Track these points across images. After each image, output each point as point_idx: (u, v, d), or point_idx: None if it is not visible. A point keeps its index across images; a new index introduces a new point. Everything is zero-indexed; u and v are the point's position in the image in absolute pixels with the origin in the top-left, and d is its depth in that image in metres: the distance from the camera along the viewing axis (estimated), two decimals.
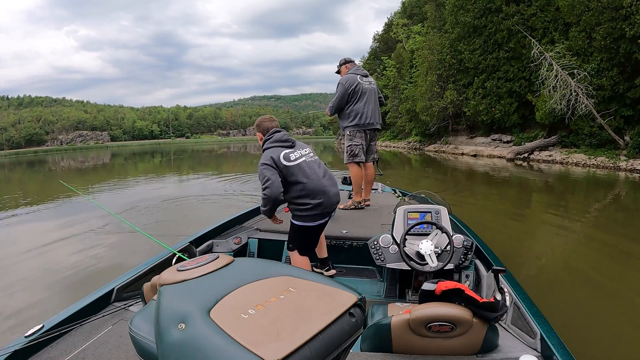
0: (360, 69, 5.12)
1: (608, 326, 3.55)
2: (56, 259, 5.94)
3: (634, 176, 14.05)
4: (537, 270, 5.08)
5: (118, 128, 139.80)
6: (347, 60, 5.21)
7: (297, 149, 3.06)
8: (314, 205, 2.98)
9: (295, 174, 2.95)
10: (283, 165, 2.93)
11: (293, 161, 2.97)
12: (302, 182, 2.95)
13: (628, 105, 17.31)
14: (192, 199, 11.20)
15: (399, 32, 45.03)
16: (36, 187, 18.10)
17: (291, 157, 2.98)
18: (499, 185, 13.34)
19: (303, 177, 2.95)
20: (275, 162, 2.93)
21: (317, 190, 2.97)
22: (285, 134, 3.10)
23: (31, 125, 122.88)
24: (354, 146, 5.03)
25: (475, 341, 1.86)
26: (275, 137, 3.08)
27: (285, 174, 2.94)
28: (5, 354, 1.83)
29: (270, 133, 3.12)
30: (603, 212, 8.86)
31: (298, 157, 3.00)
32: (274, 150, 3.00)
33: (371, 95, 5.03)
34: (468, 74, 27.08)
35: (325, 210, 3.04)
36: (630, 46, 15.82)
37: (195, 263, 1.30)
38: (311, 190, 2.96)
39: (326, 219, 3.15)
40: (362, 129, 5.02)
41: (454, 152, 28.19)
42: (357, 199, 5.00)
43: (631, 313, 3.83)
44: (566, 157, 18.68)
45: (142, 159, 38.34)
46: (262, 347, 0.92)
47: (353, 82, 4.90)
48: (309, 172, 2.98)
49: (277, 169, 2.93)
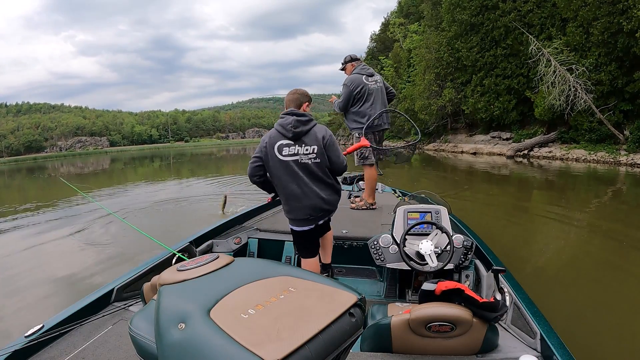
0: (365, 68, 4.95)
1: (608, 326, 3.55)
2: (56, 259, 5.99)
3: (635, 171, 14.02)
4: (537, 270, 5.06)
5: (117, 133, 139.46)
6: (353, 57, 5.04)
7: (298, 145, 2.75)
8: (291, 209, 2.87)
9: (277, 173, 2.80)
10: (271, 155, 2.78)
11: (284, 156, 2.75)
12: (282, 184, 2.82)
13: (627, 100, 17.32)
14: (191, 199, 11.20)
15: (396, 31, 45.01)
16: (36, 192, 18.11)
17: (283, 152, 2.75)
18: (499, 183, 13.30)
19: (284, 179, 2.79)
20: (265, 148, 2.79)
21: (297, 196, 2.80)
22: (290, 122, 2.74)
23: (30, 132, 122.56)
24: (364, 148, 4.77)
25: (475, 341, 1.86)
26: (280, 121, 2.80)
27: (270, 166, 2.81)
28: (5, 354, 1.83)
29: (282, 113, 2.85)
30: (604, 209, 8.81)
31: (291, 154, 2.75)
32: (274, 135, 2.80)
33: (378, 95, 4.86)
34: (466, 71, 27.03)
35: (308, 217, 2.86)
36: (628, 40, 15.82)
37: (195, 263, 1.31)
38: (289, 195, 2.82)
39: (312, 225, 2.93)
40: (370, 131, 4.84)
41: (454, 151, 28.15)
42: (370, 200, 4.91)
43: (631, 313, 3.82)
44: (566, 153, 18.66)
45: (141, 164, 38.37)
46: (262, 347, 0.92)
47: (358, 84, 4.75)
48: (292, 175, 2.77)
49: (262, 155, 2.81)
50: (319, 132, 2.82)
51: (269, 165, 2.81)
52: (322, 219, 2.99)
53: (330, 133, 2.88)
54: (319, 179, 2.84)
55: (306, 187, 2.79)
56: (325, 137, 2.82)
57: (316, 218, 2.91)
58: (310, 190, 2.80)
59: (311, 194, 2.80)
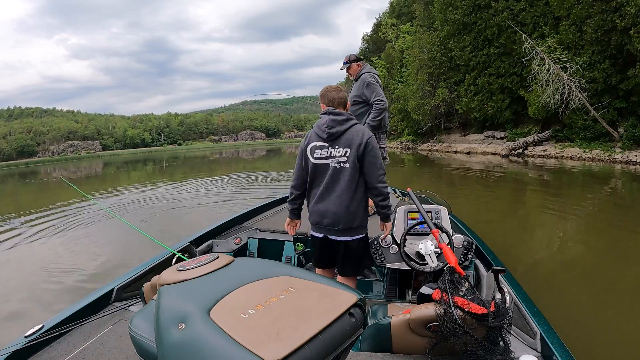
0: (372, 68, 4.71)
1: (608, 326, 3.56)
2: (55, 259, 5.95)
3: (630, 168, 13.99)
4: (537, 270, 5.05)
5: (109, 137, 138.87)
6: (358, 57, 4.75)
7: (332, 147, 2.55)
8: (309, 210, 2.70)
9: (310, 176, 2.65)
10: (305, 158, 2.63)
11: (315, 159, 2.59)
12: (310, 186, 2.67)
13: (621, 97, 17.34)
14: (188, 201, 11.20)
15: (388, 32, 45.11)
16: (31, 196, 17.84)
17: (315, 154, 2.59)
18: (494, 183, 13.18)
19: (313, 182, 2.65)
20: (302, 150, 2.65)
21: (315, 197, 2.63)
22: (326, 122, 2.55)
23: (22, 136, 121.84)
24: (381, 149, 4.40)
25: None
26: (318, 121, 2.64)
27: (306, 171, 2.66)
28: (5, 354, 1.83)
29: (322, 112, 2.66)
30: (602, 208, 8.76)
31: (323, 157, 2.58)
32: (310, 136, 2.66)
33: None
34: (459, 71, 27.04)
35: (317, 223, 2.68)
36: (622, 38, 15.83)
37: (195, 263, 1.32)
38: (310, 196, 2.68)
39: (321, 234, 2.69)
40: (384, 130, 4.58)
41: (448, 150, 28.14)
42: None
43: (631, 313, 3.83)
44: (561, 152, 18.65)
45: (134, 167, 38.23)
46: (262, 347, 0.92)
47: (378, 79, 4.49)
48: (320, 177, 2.61)
49: (302, 161, 2.66)
50: (357, 133, 2.54)
51: (306, 166, 2.66)
52: (332, 234, 2.66)
53: (371, 135, 2.57)
54: (342, 187, 2.55)
55: (326, 192, 2.59)
56: (363, 140, 2.51)
57: (324, 227, 2.65)
58: (329, 195, 2.58)
59: (327, 200, 2.59)
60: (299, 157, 2.67)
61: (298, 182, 2.73)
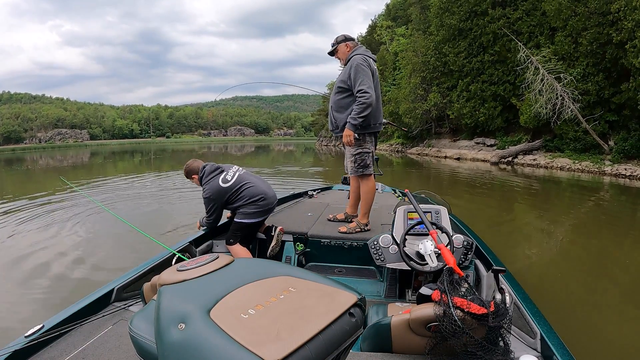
0: (368, 51, 3.77)
1: (608, 326, 3.59)
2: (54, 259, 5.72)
3: (619, 181, 14.05)
4: (538, 270, 5.08)
5: (98, 126, 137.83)
6: (347, 37, 3.83)
7: (227, 170, 3.57)
8: (258, 204, 3.48)
9: (240, 185, 3.47)
10: (224, 188, 3.44)
11: (231, 179, 3.49)
12: (249, 187, 3.47)
13: (613, 111, 17.45)
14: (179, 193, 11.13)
15: (383, 34, 45.19)
16: (19, 186, 17.38)
17: (227, 178, 3.50)
18: (487, 188, 13.14)
19: (248, 184, 3.49)
20: (219, 193, 3.44)
21: (261, 192, 3.50)
22: (213, 165, 3.60)
23: (9, 122, 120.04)
24: (364, 154, 3.68)
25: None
26: (207, 170, 3.55)
27: (231, 189, 3.46)
28: (5, 354, 1.82)
29: (201, 170, 3.56)
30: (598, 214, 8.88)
31: (234, 174, 3.54)
32: (212, 181, 3.46)
33: (378, 86, 3.71)
34: (452, 76, 27.09)
35: (266, 208, 3.55)
36: (617, 52, 15.93)
37: (195, 263, 1.31)
38: (257, 192, 3.48)
39: (266, 216, 3.66)
40: (372, 131, 3.70)
41: (437, 155, 28.15)
42: (364, 221, 3.80)
43: (631, 312, 3.88)
44: (550, 162, 18.70)
45: (121, 158, 37.76)
46: (262, 347, 0.92)
47: (372, 68, 3.61)
48: (249, 179, 3.55)
49: (220, 199, 3.46)
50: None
51: (232, 188, 3.56)
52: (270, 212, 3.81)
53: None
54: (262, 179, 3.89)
55: (264, 184, 3.74)
56: None
57: (269, 210, 3.72)
58: (266, 186, 3.74)
59: (267, 190, 3.67)
60: (213, 202, 3.59)
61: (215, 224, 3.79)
